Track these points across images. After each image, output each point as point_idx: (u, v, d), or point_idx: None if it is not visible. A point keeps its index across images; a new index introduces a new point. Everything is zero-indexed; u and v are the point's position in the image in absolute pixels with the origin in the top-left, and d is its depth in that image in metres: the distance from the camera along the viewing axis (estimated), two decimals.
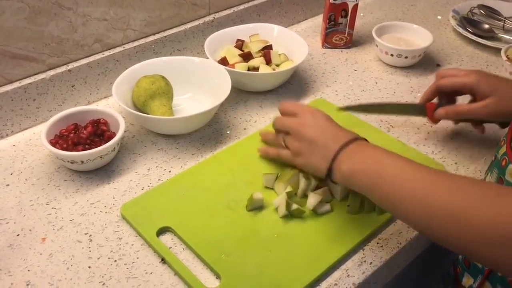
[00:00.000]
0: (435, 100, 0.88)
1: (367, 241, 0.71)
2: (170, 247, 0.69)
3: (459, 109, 0.82)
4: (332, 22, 1.13)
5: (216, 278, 0.66)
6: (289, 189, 0.74)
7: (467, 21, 1.23)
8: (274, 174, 0.77)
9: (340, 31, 1.14)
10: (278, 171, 0.79)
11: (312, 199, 0.73)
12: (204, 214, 0.73)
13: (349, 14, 1.12)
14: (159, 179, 0.80)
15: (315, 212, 0.73)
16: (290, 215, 0.73)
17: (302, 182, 0.75)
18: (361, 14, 1.31)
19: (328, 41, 1.16)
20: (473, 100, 0.82)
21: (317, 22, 1.27)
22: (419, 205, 0.56)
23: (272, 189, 0.77)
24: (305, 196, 0.75)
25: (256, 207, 0.74)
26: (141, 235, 0.70)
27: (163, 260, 0.68)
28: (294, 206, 0.72)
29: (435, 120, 0.86)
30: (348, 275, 0.66)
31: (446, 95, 0.85)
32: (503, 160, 0.67)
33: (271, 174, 0.77)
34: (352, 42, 1.17)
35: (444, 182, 0.56)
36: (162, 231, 0.71)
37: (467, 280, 0.73)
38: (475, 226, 0.50)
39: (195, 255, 0.68)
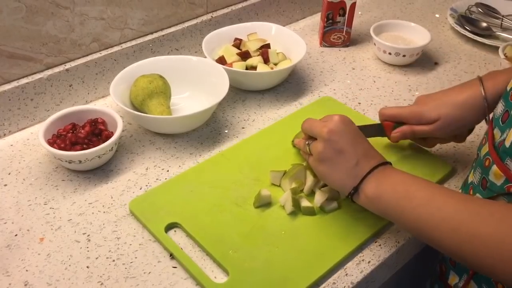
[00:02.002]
0: None
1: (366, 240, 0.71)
2: (179, 243, 0.70)
3: (416, 130, 0.79)
4: (330, 21, 1.13)
5: (224, 273, 0.66)
6: (293, 185, 0.75)
7: (465, 19, 1.23)
8: (281, 171, 0.78)
9: (338, 29, 1.14)
10: (285, 168, 0.79)
11: (319, 197, 0.74)
12: (212, 210, 0.74)
13: (347, 13, 1.12)
14: (157, 179, 0.80)
15: (323, 210, 0.74)
16: (302, 213, 0.73)
17: (310, 180, 0.75)
18: (359, 13, 1.31)
19: (326, 40, 1.16)
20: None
21: (315, 20, 1.27)
22: (452, 233, 0.56)
23: (279, 186, 0.78)
24: (312, 193, 0.76)
25: (263, 203, 0.74)
26: (150, 231, 0.71)
27: (172, 256, 0.68)
28: (306, 203, 0.73)
29: (393, 141, 0.83)
30: (346, 274, 0.67)
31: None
32: (486, 160, 0.66)
33: (278, 171, 0.78)
34: (350, 41, 1.17)
35: (477, 209, 0.56)
36: (170, 227, 0.72)
37: (452, 279, 0.74)
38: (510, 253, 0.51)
39: (203, 250, 0.69)
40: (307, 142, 0.72)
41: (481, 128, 0.92)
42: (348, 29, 1.14)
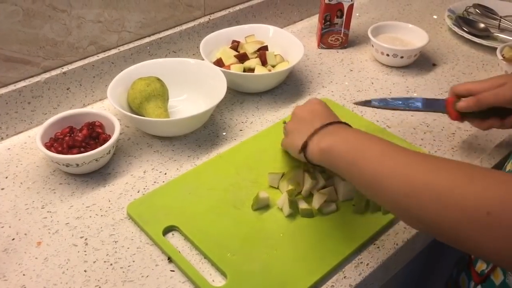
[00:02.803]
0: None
1: (364, 242, 0.71)
2: (176, 246, 0.69)
3: (482, 97, 0.76)
4: (328, 23, 1.13)
5: (222, 277, 0.66)
6: (289, 187, 0.74)
7: (463, 20, 1.23)
8: (279, 174, 0.78)
9: (336, 31, 1.14)
10: (284, 170, 0.79)
11: (318, 199, 0.74)
12: (210, 213, 0.73)
13: (345, 15, 1.12)
14: (155, 182, 0.80)
15: (321, 212, 0.74)
16: (300, 215, 0.73)
17: (308, 183, 0.75)
18: (357, 14, 1.31)
19: (323, 42, 1.16)
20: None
21: (313, 22, 1.27)
22: (399, 183, 0.53)
23: (277, 188, 0.77)
24: (310, 195, 0.76)
25: (261, 206, 0.74)
26: (147, 234, 0.71)
27: (170, 259, 0.68)
28: (303, 205, 0.72)
29: (455, 115, 0.81)
30: (345, 277, 0.66)
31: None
32: None
33: (276, 174, 0.78)
34: (348, 43, 1.17)
35: (428, 162, 0.54)
36: (168, 230, 0.72)
37: (480, 266, 0.73)
38: (460, 204, 0.47)
39: (201, 254, 0.69)
40: (284, 126, 0.78)
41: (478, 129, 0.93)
42: (345, 31, 1.14)
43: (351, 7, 1.11)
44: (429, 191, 0.50)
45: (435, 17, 1.31)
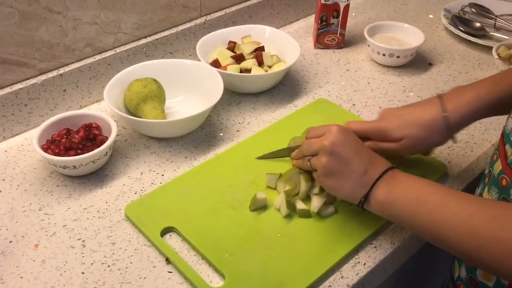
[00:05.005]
0: None
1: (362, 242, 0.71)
2: (174, 247, 0.69)
3: (382, 146, 0.75)
4: (324, 23, 1.13)
5: (220, 277, 0.66)
6: (287, 187, 0.75)
7: (459, 19, 1.24)
8: (276, 174, 0.78)
9: (332, 31, 1.14)
10: (281, 171, 0.79)
11: (316, 202, 0.73)
12: (208, 214, 0.74)
13: (341, 15, 1.12)
14: (152, 183, 0.80)
15: (320, 215, 0.74)
16: (298, 215, 0.73)
17: (304, 185, 0.75)
18: (353, 14, 1.31)
19: (320, 42, 1.16)
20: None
21: (309, 22, 1.27)
22: (466, 236, 0.55)
23: (275, 189, 0.78)
24: (307, 197, 0.76)
25: (259, 207, 0.74)
26: (145, 235, 0.71)
27: (168, 260, 0.68)
28: (301, 206, 0.73)
29: None
30: (342, 277, 0.67)
31: None
32: (502, 179, 0.64)
33: (273, 174, 0.78)
34: (344, 42, 1.17)
35: (489, 208, 0.55)
36: (165, 231, 0.72)
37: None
38: None
39: (199, 255, 0.69)
40: (307, 158, 0.70)
41: (475, 128, 0.93)
42: (342, 31, 1.15)
43: (347, 7, 1.11)
44: (500, 246, 0.52)
45: (431, 16, 1.32)
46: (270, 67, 1.01)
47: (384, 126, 0.75)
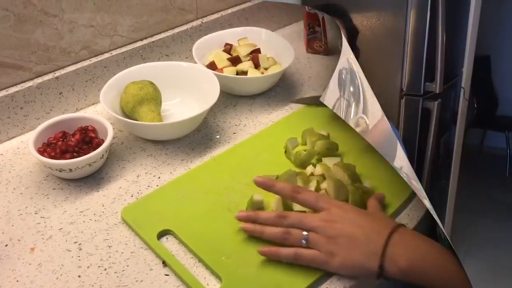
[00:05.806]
0: None
1: None
2: (171, 250, 0.69)
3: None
4: (311, 29, 1.14)
5: (217, 280, 0.66)
6: None
7: None
8: (273, 176, 0.77)
9: (318, 38, 1.15)
10: (277, 172, 0.79)
11: None
12: (204, 216, 0.73)
13: (321, 25, 1.12)
14: (148, 186, 0.80)
15: None
16: None
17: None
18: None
19: (310, 47, 1.17)
20: None
21: (302, 26, 1.27)
22: None
23: None
24: None
25: (256, 209, 0.74)
26: (142, 238, 0.71)
27: (164, 263, 0.68)
28: (298, 208, 0.72)
29: None
30: (338, 279, 0.66)
31: None
32: None
33: (270, 176, 0.77)
34: (329, 50, 1.16)
35: None
36: (162, 234, 0.72)
37: None
38: None
39: (196, 257, 0.69)
40: (303, 236, 0.65)
41: None
42: (325, 39, 1.15)
43: (323, 18, 1.11)
44: None
45: None
46: (266, 69, 1.01)
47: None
